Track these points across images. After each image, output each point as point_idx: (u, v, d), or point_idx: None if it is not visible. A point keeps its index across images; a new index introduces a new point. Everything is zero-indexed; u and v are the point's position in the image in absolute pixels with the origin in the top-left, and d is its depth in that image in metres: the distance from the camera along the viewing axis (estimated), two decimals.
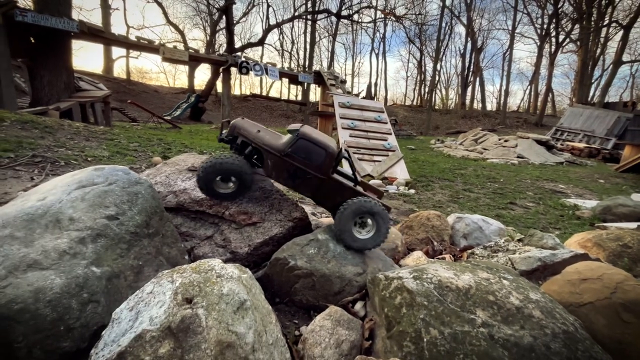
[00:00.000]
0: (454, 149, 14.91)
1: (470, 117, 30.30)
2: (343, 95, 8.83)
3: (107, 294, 1.11)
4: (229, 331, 0.93)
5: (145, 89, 29.90)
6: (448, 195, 5.90)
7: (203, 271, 1.06)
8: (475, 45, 34.42)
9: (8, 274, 0.94)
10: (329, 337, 1.33)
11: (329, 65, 32.90)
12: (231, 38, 21.72)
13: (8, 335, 0.88)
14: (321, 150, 1.83)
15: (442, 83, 43.10)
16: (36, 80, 10.34)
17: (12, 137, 5.74)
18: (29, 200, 1.22)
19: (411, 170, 7.54)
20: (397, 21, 28.26)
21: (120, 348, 0.79)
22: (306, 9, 30.07)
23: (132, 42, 11.11)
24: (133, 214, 1.42)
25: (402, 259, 2.43)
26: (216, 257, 1.87)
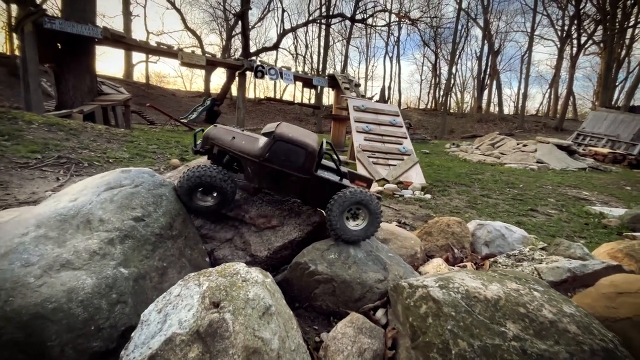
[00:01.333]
0: (469, 153, 14.62)
1: (486, 121, 29.66)
2: (358, 99, 8.81)
3: (134, 295, 1.13)
4: (255, 337, 0.93)
5: (163, 93, 30.74)
6: (465, 200, 5.77)
7: (229, 275, 1.06)
8: (492, 48, 33.76)
9: (43, 273, 0.96)
10: (351, 345, 1.31)
11: (343, 68, 32.95)
12: (246, 43, 22.09)
13: (42, 334, 0.90)
14: (300, 150, 1.76)
15: (457, 86, 42.44)
16: (62, 85, 10.77)
17: (39, 139, 6.00)
18: (61, 200, 1.26)
19: (426, 175, 7.42)
20: (412, 24, 28.05)
21: (151, 351, 0.79)
22: (320, 13, 30.28)
23: (152, 48, 11.45)
24: (158, 215, 1.44)
25: (422, 265, 2.37)
26: (236, 260, 1.88)
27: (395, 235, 2.58)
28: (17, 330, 0.88)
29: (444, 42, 36.92)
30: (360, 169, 6.43)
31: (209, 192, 1.78)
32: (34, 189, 3.92)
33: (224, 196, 1.78)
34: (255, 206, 2.00)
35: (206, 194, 1.77)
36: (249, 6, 22.67)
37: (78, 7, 10.54)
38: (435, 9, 32.55)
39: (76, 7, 10.49)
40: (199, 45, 30.51)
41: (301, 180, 1.79)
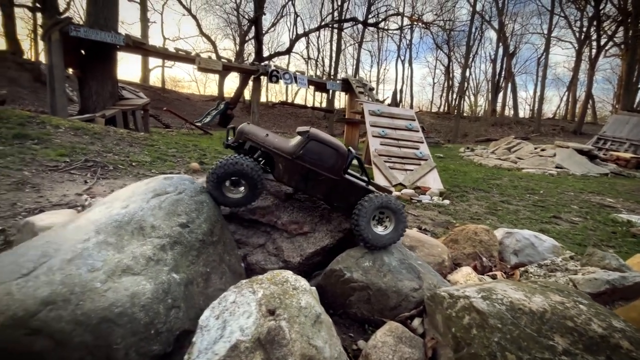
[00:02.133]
0: (485, 157, 14.37)
1: (501, 125, 29.11)
2: (373, 104, 8.80)
3: (185, 300, 1.17)
4: (310, 345, 0.95)
5: (178, 97, 31.43)
6: (485, 206, 5.67)
7: (279, 283, 1.08)
8: (507, 50, 33.20)
9: (107, 279, 1.01)
10: (392, 354, 1.31)
11: (355, 72, 32.99)
12: (260, 47, 22.43)
13: (109, 337, 0.94)
14: (332, 151, 1.80)
15: (471, 89, 41.86)
16: (85, 90, 11.16)
17: (67, 143, 6.22)
18: (113, 207, 1.32)
19: (443, 180, 7.33)
20: (426, 28, 27.90)
21: (218, 357, 0.82)
22: (333, 18, 30.47)
23: (171, 54, 11.75)
24: (200, 222, 1.49)
25: (450, 274, 2.35)
26: (269, 265, 1.91)
27: (421, 242, 2.57)
28: (86, 333, 0.93)
29: (457, 45, 36.56)
30: (377, 174, 6.41)
31: (237, 184, 1.78)
32: (64, 192, 4.07)
33: (253, 189, 1.75)
34: (287, 212, 2.03)
35: (235, 185, 1.78)
36: (263, 12, 23.04)
37: (101, 15, 10.93)
38: (449, 12, 32.32)
39: (100, 16, 10.88)
40: (213, 50, 31.11)
41: (330, 181, 1.82)
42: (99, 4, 10.86)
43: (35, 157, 5.13)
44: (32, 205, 3.47)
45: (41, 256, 1.05)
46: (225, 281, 1.48)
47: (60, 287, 0.95)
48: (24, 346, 0.89)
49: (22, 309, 0.90)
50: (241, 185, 1.78)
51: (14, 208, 3.33)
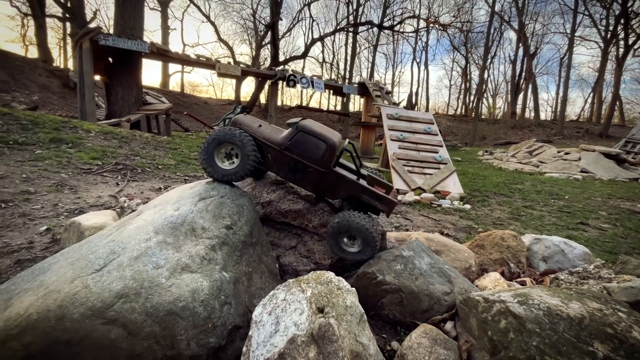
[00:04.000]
0: (505, 161, 14.04)
1: (521, 127, 28.31)
2: (391, 107, 8.80)
3: (234, 297, 1.25)
4: (357, 342, 1.00)
5: (197, 101, 32.28)
6: (507, 212, 5.57)
7: (325, 282, 1.15)
8: (527, 51, 32.33)
9: (170, 275, 1.11)
10: (428, 355, 1.35)
11: (370, 75, 32.96)
12: (276, 52, 22.79)
13: (174, 329, 1.04)
14: (321, 143, 1.77)
15: (489, 91, 40.96)
16: (112, 96, 11.68)
17: (98, 147, 6.55)
18: (166, 209, 1.42)
19: (462, 184, 7.24)
20: (443, 30, 27.57)
21: (278, 349, 0.89)
22: (348, 21, 30.60)
23: (192, 60, 12.15)
24: (242, 224, 1.57)
25: (477, 279, 2.35)
26: (301, 267, 1.98)
27: (447, 247, 2.58)
28: (155, 324, 1.02)
29: (474, 46, 35.92)
30: (395, 178, 6.41)
31: (230, 157, 1.79)
32: (99, 193, 4.30)
33: (244, 159, 1.73)
34: (318, 216, 2.09)
35: (228, 158, 1.79)
36: (279, 17, 23.42)
37: (128, 24, 11.44)
38: (467, 14, 31.82)
39: (127, 25, 11.39)
40: (230, 55, 31.82)
41: (318, 173, 1.81)
42: (126, 14, 11.38)
43: (70, 160, 5.43)
44: (72, 206, 3.69)
45: (110, 253, 1.16)
46: (264, 281, 1.56)
47: (131, 281, 1.05)
48: (101, 334, 1.00)
49: (99, 300, 1.01)
50: (233, 157, 1.78)
51: (56, 208, 3.56)
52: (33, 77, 21.85)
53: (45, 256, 2.56)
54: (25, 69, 21.94)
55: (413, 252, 1.84)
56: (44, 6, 26.31)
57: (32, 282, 1.25)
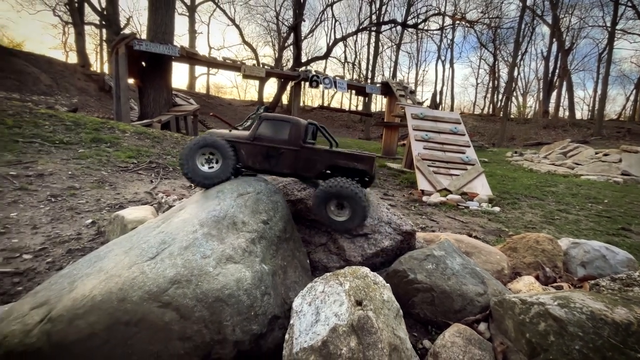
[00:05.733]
0: (536, 162, 13.39)
1: (554, 127, 26.85)
2: (415, 107, 8.67)
3: (273, 288, 1.31)
4: (394, 335, 1.03)
5: (221, 102, 33.24)
6: (540, 215, 5.33)
7: (361, 277, 1.18)
8: (562, 47, 30.59)
9: (217, 265, 1.18)
10: (463, 354, 1.35)
11: (393, 74, 32.50)
12: (299, 53, 23.02)
13: (220, 314, 1.11)
14: (285, 123, 1.89)
15: (519, 89, 39.13)
16: (144, 98, 12.30)
17: (133, 146, 6.93)
18: (208, 204, 1.51)
19: (490, 186, 7.00)
20: (470, 26, 26.68)
21: (321, 337, 0.93)
22: (371, 21, 30.34)
23: (219, 62, 12.55)
24: (277, 220, 1.64)
25: (510, 283, 2.29)
26: (331, 263, 2.02)
27: (477, 249, 2.53)
28: (204, 309, 1.10)
29: (504, 43, 34.45)
30: (420, 178, 6.31)
31: (210, 161, 1.90)
32: (135, 190, 4.57)
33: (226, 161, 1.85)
34: None
35: (209, 162, 1.90)
36: (303, 18, 23.66)
37: (160, 30, 12.00)
38: (496, 9, 30.56)
39: (159, 30, 11.96)
40: (254, 57, 32.50)
41: (290, 152, 1.89)
42: (159, 20, 11.95)
43: (109, 158, 5.79)
44: (112, 201, 3.95)
45: (161, 243, 1.26)
46: (298, 275, 1.61)
47: (182, 269, 1.14)
48: (156, 316, 1.08)
49: (155, 285, 1.10)
50: (213, 161, 1.89)
51: (98, 203, 3.83)
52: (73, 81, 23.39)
53: (92, 247, 2.77)
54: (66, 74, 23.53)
55: (445, 252, 1.83)
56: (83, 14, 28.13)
57: (92, 268, 1.38)
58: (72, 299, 1.16)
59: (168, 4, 12.37)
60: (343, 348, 0.92)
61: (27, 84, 20.19)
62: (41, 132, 6.34)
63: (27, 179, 4.12)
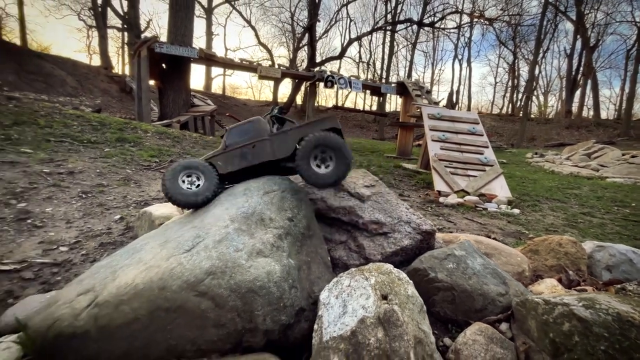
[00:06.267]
0: (558, 164, 12.97)
1: (577, 127, 25.87)
2: (432, 106, 8.58)
3: (299, 282, 1.37)
4: (419, 329, 1.07)
5: (236, 103, 33.78)
6: (562, 218, 5.19)
7: (385, 273, 1.23)
8: (587, 44, 29.40)
9: (248, 258, 1.25)
10: (484, 352, 1.36)
11: (408, 74, 32.14)
12: (313, 53, 23.14)
13: (252, 304, 1.18)
14: (248, 124, 2.08)
15: (540, 88, 37.89)
16: (164, 99, 12.67)
17: (154, 145, 7.18)
18: (237, 201, 1.59)
19: (509, 187, 6.85)
20: (489, 24, 26.02)
21: (350, 327, 0.99)
22: (386, 20, 30.11)
23: (236, 64, 12.79)
24: (301, 217, 1.70)
25: (531, 285, 2.27)
26: (351, 261, 2.07)
27: (497, 250, 2.52)
28: (237, 299, 1.17)
29: (524, 40, 33.44)
30: (437, 179, 6.25)
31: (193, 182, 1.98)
32: (159, 187, 4.75)
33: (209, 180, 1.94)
34: (368, 213, 2.17)
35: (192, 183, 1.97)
36: (318, 19, 23.75)
37: (180, 32, 12.35)
38: (516, 6, 29.67)
39: (178, 33, 12.31)
40: (269, 57, 32.86)
41: (263, 142, 2.01)
42: (179, 23, 12.30)
43: (133, 157, 6.03)
44: (138, 198, 4.13)
45: (195, 237, 1.34)
46: (320, 270, 1.67)
47: (217, 261, 1.21)
48: (193, 304, 1.16)
49: (192, 276, 1.18)
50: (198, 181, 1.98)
51: (125, 200, 4.01)
52: (96, 82, 24.33)
53: (122, 241, 2.92)
54: (89, 76, 24.50)
55: (465, 252, 1.84)
56: (106, 18, 29.22)
57: (131, 259, 1.48)
58: (116, 287, 1.26)
59: (188, 7, 12.71)
60: (371, 338, 0.96)
61: (54, 86, 21.14)
62: (70, 131, 6.66)
63: (60, 176, 4.35)
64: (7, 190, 3.59)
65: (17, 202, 3.41)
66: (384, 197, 2.31)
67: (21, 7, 26.90)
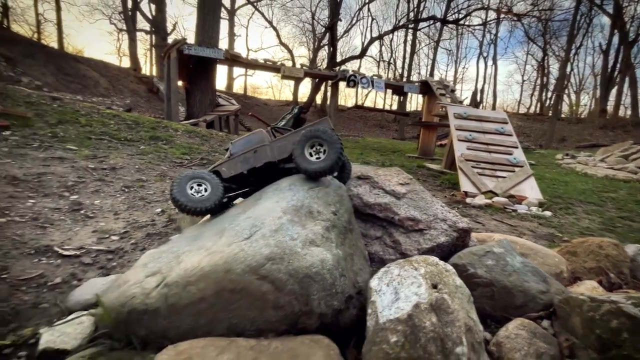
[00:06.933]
0: (591, 166, 12.35)
1: (613, 128, 24.45)
2: (458, 106, 8.43)
3: (346, 271, 1.46)
4: (469, 317, 1.13)
5: (257, 102, 34.38)
6: (598, 222, 4.99)
7: (432, 264, 1.29)
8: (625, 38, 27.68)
9: (303, 246, 1.36)
10: (528, 346, 1.40)
11: (430, 72, 31.53)
12: (334, 53, 23.18)
13: (309, 289, 1.28)
14: (251, 136, 2.23)
15: (571, 86, 36.06)
16: (191, 99, 13.16)
17: (185, 144, 7.50)
18: (285, 195, 1.70)
19: (539, 189, 6.64)
20: (517, 20, 25.07)
21: (406, 311, 1.06)
22: (408, 18, 29.68)
23: (260, 64, 13.08)
24: (343, 211, 1.79)
25: (570, 286, 2.25)
26: (387, 256, 2.13)
27: (533, 250, 2.50)
28: (295, 283, 1.28)
29: (555, 37, 31.94)
30: (463, 180, 6.16)
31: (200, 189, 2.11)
32: None
33: (215, 191, 2.07)
34: (403, 209, 2.22)
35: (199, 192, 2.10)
36: (339, 18, 23.77)
37: (207, 35, 12.78)
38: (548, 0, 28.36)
39: (206, 35, 12.74)
40: (290, 57, 33.21)
41: (264, 147, 2.15)
42: (206, 25, 12.73)
43: (166, 155, 6.35)
44: None
45: (252, 226, 1.46)
46: (361, 262, 1.75)
47: (275, 248, 1.32)
48: (255, 287, 1.28)
49: (254, 261, 1.29)
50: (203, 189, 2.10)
51: (164, 195, 4.25)
52: (126, 83, 25.51)
53: (167, 232, 3.13)
54: (120, 77, 25.72)
55: (504, 250, 1.86)
56: (135, 22, 30.57)
57: (191, 246, 1.62)
58: (183, 269, 1.39)
59: (215, 10, 13.13)
60: (426, 322, 1.03)
61: (88, 87, 22.36)
62: (108, 130, 7.08)
63: (104, 172, 4.67)
64: (60, 184, 3.91)
65: (69, 194, 3.71)
66: (418, 194, 2.35)
67: (59, 13, 28.65)
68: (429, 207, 2.28)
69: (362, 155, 10.60)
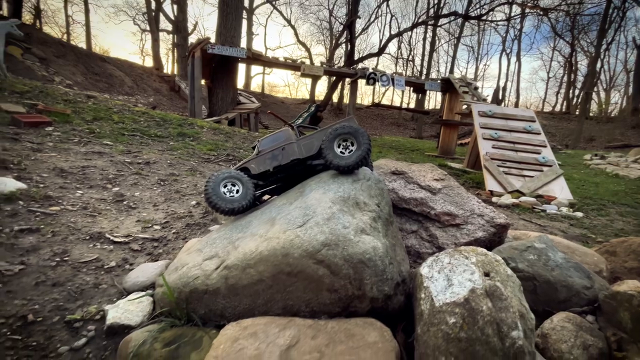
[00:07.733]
0: (623, 167, 11.81)
1: None
2: (483, 104, 8.27)
3: (393, 259, 1.52)
4: (521, 304, 1.17)
5: (274, 100, 34.74)
6: (633, 224, 4.82)
7: (482, 254, 1.33)
8: None
9: (355, 234, 1.43)
10: (574, 338, 1.42)
11: (450, 69, 30.89)
12: (352, 50, 23.07)
13: (362, 274, 1.35)
14: (278, 134, 2.28)
15: (601, 83, 34.41)
16: (214, 97, 13.49)
17: (210, 140, 7.73)
18: (331, 187, 1.78)
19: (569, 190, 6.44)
20: (543, 14, 24.12)
21: (462, 295, 1.12)
22: (428, 14, 29.13)
23: (281, 62, 13.23)
24: (384, 204, 1.85)
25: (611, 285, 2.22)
26: (423, 249, 2.18)
27: (571, 249, 2.47)
28: (350, 268, 1.36)
29: (584, 31, 30.52)
30: (489, 179, 6.07)
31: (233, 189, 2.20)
32: None
33: (246, 189, 2.16)
34: (439, 204, 2.26)
35: (231, 191, 2.19)
36: (358, 15, 23.63)
37: (229, 33, 13.04)
38: None
39: (228, 34, 13.01)
40: (308, 56, 33.33)
41: (291, 145, 2.22)
42: (229, 24, 12.99)
43: (194, 151, 6.58)
44: None
45: (304, 215, 1.55)
46: (402, 254, 1.81)
47: (330, 235, 1.40)
48: (312, 270, 1.37)
49: (310, 246, 1.38)
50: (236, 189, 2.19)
51: (196, 188, 4.43)
52: (149, 82, 26.36)
53: (205, 222, 3.29)
54: (144, 76, 26.59)
55: (545, 245, 1.87)
56: (158, 22, 31.49)
57: (243, 233, 1.73)
58: (241, 253, 1.50)
59: (237, 9, 13.37)
60: (483, 306, 1.09)
61: (115, 86, 23.26)
62: (139, 126, 7.39)
63: (139, 166, 4.90)
64: (102, 176, 4.15)
65: (112, 186, 3.93)
66: (454, 190, 2.38)
67: (87, 14, 29.91)
68: (465, 202, 2.30)
69: (381, 154, 10.57)
